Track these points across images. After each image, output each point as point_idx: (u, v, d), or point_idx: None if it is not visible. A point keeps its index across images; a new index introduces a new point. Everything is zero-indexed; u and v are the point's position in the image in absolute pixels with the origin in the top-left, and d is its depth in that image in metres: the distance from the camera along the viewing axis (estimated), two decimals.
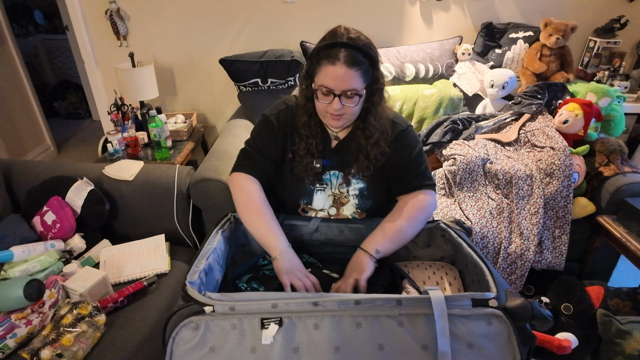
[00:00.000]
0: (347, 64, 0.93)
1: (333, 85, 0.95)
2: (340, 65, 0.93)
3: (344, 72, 0.93)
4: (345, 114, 1.01)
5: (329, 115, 1.02)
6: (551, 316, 0.72)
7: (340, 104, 0.97)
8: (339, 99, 0.97)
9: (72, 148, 3.66)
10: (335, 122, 1.04)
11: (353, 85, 0.95)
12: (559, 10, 2.29)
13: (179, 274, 1.38)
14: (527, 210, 1.53)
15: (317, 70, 0.98)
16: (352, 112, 1.01)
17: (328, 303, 0.73)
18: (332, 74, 0.94)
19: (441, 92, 2.05)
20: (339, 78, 0.94)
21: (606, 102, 1.78)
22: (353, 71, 0.94)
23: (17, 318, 1.03)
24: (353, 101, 0.98)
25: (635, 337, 1.25)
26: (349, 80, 0.94)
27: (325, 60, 0.95)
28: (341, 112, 1.00)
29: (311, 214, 1.17)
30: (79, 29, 2.33)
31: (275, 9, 2.30)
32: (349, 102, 0.98)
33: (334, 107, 0.98)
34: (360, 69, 0.95)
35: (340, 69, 0.93)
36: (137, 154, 2.04)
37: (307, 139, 1.09)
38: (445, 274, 1.04)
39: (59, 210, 1.37)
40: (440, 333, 0.69)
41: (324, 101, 1.00)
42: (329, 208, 1.16)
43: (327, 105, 0.99)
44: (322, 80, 0.97)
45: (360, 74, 0.96)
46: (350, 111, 1.01)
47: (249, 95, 2.16)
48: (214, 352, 0.74)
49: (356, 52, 0.94)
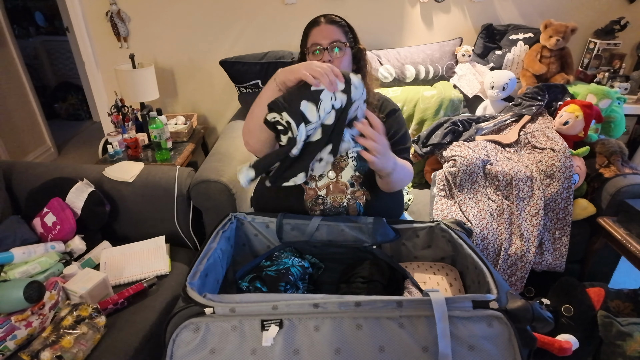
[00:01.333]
0: (329, 22, 1.14)
1: (321, 40, 1.12)
2: (323, 24, 1.14)
3: (327, 27, 1.13)
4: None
5: None
6: (552, 318, 0.72)
7: (329, 56, 1.11)
8: (328, 52, 1.11)
9: (72, 149, 3.66)
10: None
11: (337, 37, 1.12)
12: (559, 12, 2.29)
13: (180, 276, 1.38)
14: (527, 211, 1.53)
15: (306, 39, 1.16)
16: (343, 66, 1.13)
17: (329, 305, 0.73)
18: (318, 32, 1.13)
19: (441, 93, 2.05)
20: (324, 33, 1.12)
21: (606, 103, 1.78)
22: (335, 27, 1.13)
23: (17, 320, 1.03)
24: (340, 52, 1.12)
25: (636, 339, 1.25)
26: (332, 33, 1.12)
27: (311, 27, 1.15)
28: (337, 65, 1.10)
29: (311, 184, 1.18)
30: (80, 30, 2.33)
31: (275, 11, 2.31)
32: (337, 54, 1.12)
33: (325, 59, 1.11)
34: (340, 26, 1.14)
35: (324, 26, 1.13)
36: (138, 155, 2.04)
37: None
38: (445, 274, 1.04)
39: (59, 212, 1.37)
40: (441, 335, 0.69)
41: (315, 59, 1.12)
42: (328, 172, 1.19)
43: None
44: (312, 40, 1.13)
45: (342, 31, 1.14)
46: (340, 66, 1.11)
47: (249, 97, 2.16)
48: (214, 354, 0.74)
49: (333, 16, 1.16)
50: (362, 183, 1.18)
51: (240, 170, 0.87)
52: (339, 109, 0.88)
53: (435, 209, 1.61)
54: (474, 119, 1.90)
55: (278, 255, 1.10)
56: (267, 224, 1.16)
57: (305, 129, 0.85)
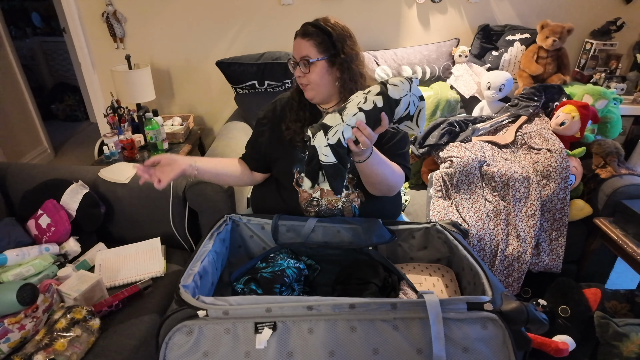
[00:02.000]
0: (301, 35, 1.11)
1: (294, 54, 1.12)
2: (298, 38, 1.12)
3: (299, 42, 1.11)
4: (310, 84, 1.12)
5: (302, 87, 1.15)
6: (547, 319, 0.72)
7: (300, 72, 1.11)
8: (298, 66, 1.11)
9: (69, 150, 3.65)
10: (306, 92, 1.14)
11: (305, 53, 1.09)
12: (555, 13, 2.30)
13: (175, 278, 1.37)
14: (524, 212, 1.53)
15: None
16: (314, 80, 1.11)
17: (322, 307, 0.73)
18: (294, 45, 1.13)
19: (438, 94, 2.05)
20: (296, 47, 1.12)
21: (603, 104, 1.78)
22: (305, 40, 1.10)
23: (11, 323, 1.02)
24: (307, 68, 1.10)
25: (632, 340, 1.25)
26: (302, 48, 1.10)
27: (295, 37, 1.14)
28: (305, 81, 1.12)
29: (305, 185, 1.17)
30: (76, 31, 2.32)
31: (272, 12, 2.30)
32: (306, 69, 1.10)
33: (296, 74, 1.12)
34: (312, 39, 1.09)
35: (298, 40, 1.12)
36: (134, 156, 2.03)
37: (298, 110, 1.20)
38: (441, 276, 1.04)
39: (53, 214, 1.36)
40: (435, 337, 0.69)
41: (294, 73, 1.14)
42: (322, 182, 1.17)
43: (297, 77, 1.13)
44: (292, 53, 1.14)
45: (314, 44, 1.09)
46: (312, 79, 1.11)
47: (246, 98, 2.16)
48: (207, 356, 0.73)
49: (309, 26, 1.11)
50: (356, 185, 1.18)
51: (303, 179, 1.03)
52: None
53: (432, 210, 1.61)
54: (470, 119, 1.90)
55: (273, 256, 1.10)
56: (263, 226, 1.16)
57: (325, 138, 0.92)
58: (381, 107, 0.90)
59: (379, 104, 0.90)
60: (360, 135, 0.89)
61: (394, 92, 0.91)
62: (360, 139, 0.90)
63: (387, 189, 1.14)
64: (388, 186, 1.12)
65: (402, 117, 0.95)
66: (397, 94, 0.91)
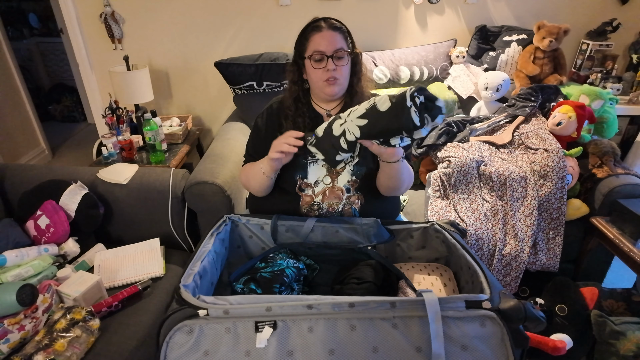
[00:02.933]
0: (331, 28, 1.10)
1: (324, 48, 1.08)
2: (326, 30, 1.09)
3: (330, 35, 1.09)
4: (340, 77, 1.11)
5: (325, 84, 1.11)
6: (544, 317, 0.72)
7: (333, 64, 1.08)
8: (332, 60, 1.08)
9: (66, 151, 3.64)
10: (332, 87, 1.12)
11: (340, 45, 1.09)
12: (552, 13, 2.31)
13: (174, 278, 1.37)
14: (521, 212, 1.54)
15: (306, 44, 1.11)
16: (344, 74, 1.12)
17: (322, 306, 0.73)
18: (321, 39, 1.09)
19: (436, 94, 2.05)
20: (327, 40, 1.08)
21: (599, 104, 1.79)
22: (337, 33, 1.10)
23: (10, 323, 1.02)
24: (344, 60, 1.10)
25: (629, 338, 1.26)
26: (336, 41, 1.09)
27: (312, 32, 1.10)
28: (336, 75, 1.10)
29: (308, 191, 1.18)
30: (74, 32, 2.32)
31: (270, 12, 2.31)
32: (340, 62, 1.09)
33: (330, 68, 1.08)
34: (342, 32, 1.11)
35: (327, 32, 1.09)
36: (132, 157, 2.03)
37: (295, 117, 1.18)
38: (440, 275, 1.05)
39: (52, 214, 1.36)
40: (434, 335, 0.70)
41: (318, 67, 1.10)
42: (324, 178, 1.18)
43: (322, 71, 1.10)
44: (314, 47, 1.09)
45: (343, 37, 1.11)
46: (343, 73, 1.11)
47: (244, 98, 2.16)
48: (208, 356, 0.74)
49: (334, 20, 1.12)
50: (358, 188, 1.18)
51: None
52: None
53: (430, 210, 1.61)
54: (468, 119, 1.90)
55: (273, 257, 1.10)
56: (262, 226, 1.16)
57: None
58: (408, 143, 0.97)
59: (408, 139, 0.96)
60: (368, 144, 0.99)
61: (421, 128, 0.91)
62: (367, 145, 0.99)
63: (400, 190, 1.18)
64: (403, 187, 1.17)
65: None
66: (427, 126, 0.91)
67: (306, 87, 1.21)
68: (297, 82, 1.18)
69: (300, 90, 1.19)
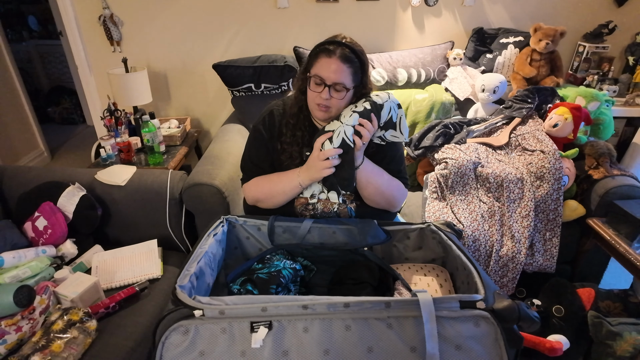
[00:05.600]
0: (341, 59, 1.05)
1: (326, 76, 1.06)
2: (335, 59, 1.05)
3: (337, 66, 1.05)
4: (332, 107, 1.09)
5: (316, 107, 1.11)
6: (538, 318, 0.73)
7: (328, 94, 1.06)
8: (329, 90, 1.06)
9: (65, 153, 3.64)
10: (321, 113, 1.11)
11: (343, 80, 1.06)
12: (548, 16, 2.32)
13: (172, 279, 1.37)
14: (518, 213, 1.54)
15: (314, 62, 1.09)
16: (338, 106, 1.10)
17: (317, 306, 0.74)
18: (326, 65, 1.06)
19: (433, 96, 2.06)
20: (331, 70, 1.05)
21: (595, 105, 1.80)
22: (345, 67, 1.05)
23: (7, 324, 1.03)
24: (340, 95, 1.08)
25: (626, 339, 1.26)
26: (340, 73, 1.05)
27: (323, 54, 1.07)
28: (328, 104, 1.08)
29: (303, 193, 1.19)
30: (73, 34, 2.33)
31: (268, 15, 2.32)
32: (336, 95, 1.07)
33: (323, 96, 1.07)
34: (352, 67, 1.06)
35: (335, 62, 1.05)
36: (130, 159, 2.04)
37: (294, 130, 1.18)
38: (436, 276, 1.05)
39: (50, 216, 1.36)
40: (429, 335, 0.70)
41: (315, 90, 1.09)
42: (319, 193, 1.19)
43: (317, 94, 1.08)
44: (317, 70, 1.07)
45: (351, 72, 1.07)
46: (337, 104, 1.09)
47: (242, 100, 2.17)
48: (203, 356, 0.74)
49: (350, 52, 1.06)
50: (353, 199, 1.20)
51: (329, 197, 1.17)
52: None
53: (427, 211, 1.62)
54: (465, 121, 1.91)
55: (270, 257, 1.11)
56: (259, 227, 1.17)
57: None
58: (369, 109, 1.06)
59: (368, 107, 1.07)
60: (363, 128, 1.04)
61: (377, 99, 1.08)
62: (363, 132, 1.04)
63: (384, 200, 1.17)
64: (384, 196, 1.17)
65: (386, 122, 1.10)
66: (380, 100, 1.09)
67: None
68: (304, 92, 1.16)
69: (303, 101, 1.17)
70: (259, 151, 1.23)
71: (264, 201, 1.20)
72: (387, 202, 1.19)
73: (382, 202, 1.18)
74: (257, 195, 1.21)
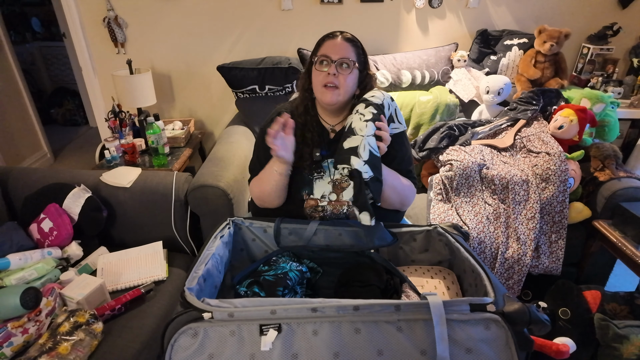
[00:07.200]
0: (344, 38, 1.12)
1: (331, 53, 1.09)
2: (338, 38, 1.12)
3: (342, 43, 1.10)
4: (339, 87, 1.10)
5: (323, 89, 1.11)
6: (549, 321, 0.72)
7: (335, 69, 1.08)
8: (335, 66, 1.08)
9: (69, 155, 3.65)
10: (329, 94, 1.10)
11: (348, 55, 1.10)
12: (552, 18, 2.32)
13: (177, 281, 1.37)
14: (523, 215, 1.54)
15: (318, 50, 1.13)
16: (346, 84, 1.10)
17: (327, 309, 0.73)
18: (331, 44, 1.11)
19: (437, 98, 2.06)
20: (337, 47, 1.10)
21: (600, 107, 1.80)
22: (349, 45, 1.11)
23: (14, 327, 1.03)
24: (347, 70, 1.10)
25: (632, 342, 1.26)
26: (345, 49, 1.10)
27: (326, 39, 1.13)
28: (336, 82, 1.09)
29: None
30: (77, 36, 2.33)
31: (272, 17, 2.32)
32: (343, 71, 1.09)
33: (330, 72, 1.08)
34: (355, 46, 1.12)
35: (339, 40, 1.11)
36: (135, 160, 2.04)
37: (303, 133, 1.17)
38: (443, 278, 1.05)
39: (56, 218, 1.37)
40: (439, 338, 0.70)
41: (321, 69, 1.10)
42: (329, 194, 1.18)
43: (323, 75, 1.09)
44: (322, 52, 1.11)
45: (354, 51, 1.12)
46: (344, 82, 1.09)
47: (246, 102, 2.17)
48: (212, 359, 0.74)
49: (351, 36, 1.14)
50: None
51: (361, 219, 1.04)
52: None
53: (432, 213, 1.62)
54: (469, 123, 1.91)
55: (276, 260, 1.10)
56: (265, 229, 1.16)
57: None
58: (376, 112, 1.07)
59: (374, 111, 1.07)
60: (382, 132, 1.04)
61: (376, 100, 1.10)
62: (384, 135, 1.04)
63: (398, 201, 1.18)
64: (399, 198, 1.17)
65: (389, 118, 1.12)
66: (379, 100, 1.10)
67: (314, 97, 1.20)
68: (308, 90, 1.18)
69: (309, 100, 1.19)
70: (266, 152, 1.20)
71: (264, 198, 1.20)
72: (401, 202, 1.20)
73: (396, 203, 1.18)
74: (257, 193, 1.21)
